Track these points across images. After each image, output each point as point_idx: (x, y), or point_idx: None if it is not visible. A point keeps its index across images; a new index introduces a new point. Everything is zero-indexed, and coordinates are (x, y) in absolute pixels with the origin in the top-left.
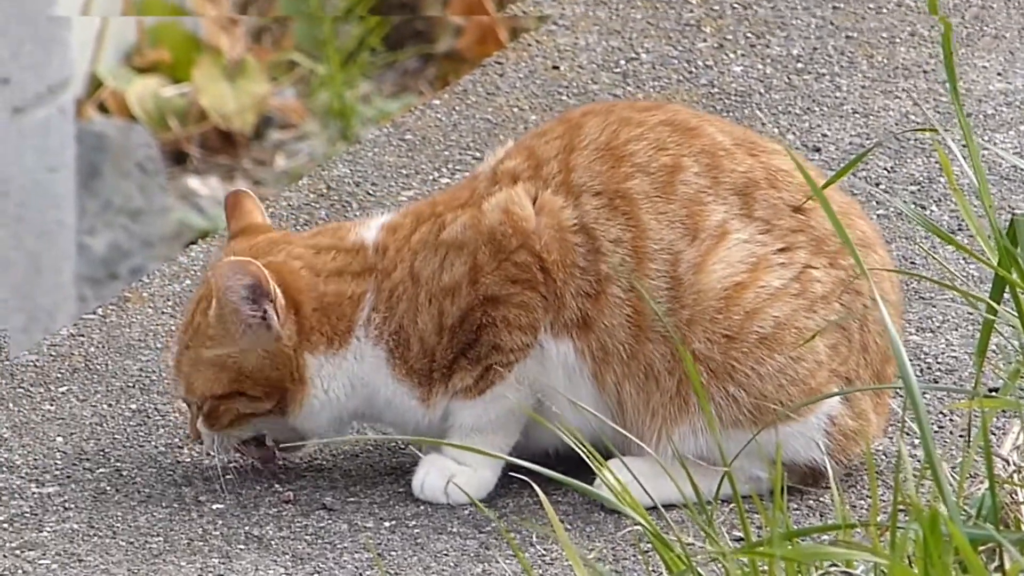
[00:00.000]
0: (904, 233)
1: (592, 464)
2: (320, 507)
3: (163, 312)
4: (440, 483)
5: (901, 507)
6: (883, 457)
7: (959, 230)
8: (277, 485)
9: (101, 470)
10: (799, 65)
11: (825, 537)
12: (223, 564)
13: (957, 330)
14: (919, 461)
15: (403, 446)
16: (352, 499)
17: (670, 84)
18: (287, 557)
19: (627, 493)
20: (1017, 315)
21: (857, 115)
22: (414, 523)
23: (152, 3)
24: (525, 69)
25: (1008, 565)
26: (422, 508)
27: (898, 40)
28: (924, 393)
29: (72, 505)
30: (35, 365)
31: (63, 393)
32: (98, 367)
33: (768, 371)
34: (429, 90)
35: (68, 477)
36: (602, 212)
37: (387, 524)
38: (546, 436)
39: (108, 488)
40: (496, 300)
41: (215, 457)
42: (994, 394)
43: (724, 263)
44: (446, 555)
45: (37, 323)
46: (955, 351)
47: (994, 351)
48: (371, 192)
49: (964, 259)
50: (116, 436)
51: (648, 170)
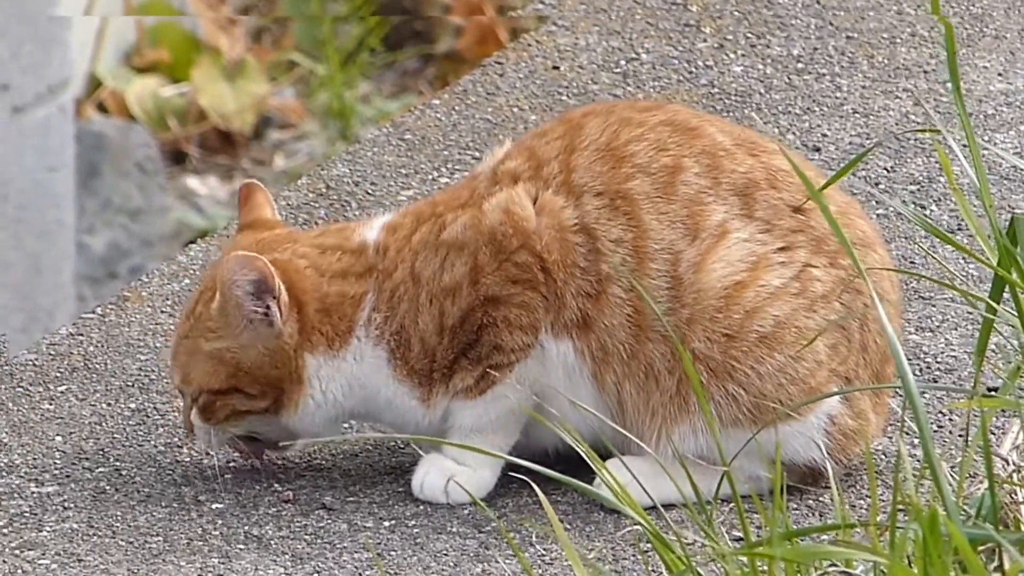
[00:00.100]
0: (904, 233)
1: (592, 464)
2: (320, 507)
3: (162, 311)
4: (440, 483)
5: (900, 507)
6: (882, 457)
7: (959, 230)
8: (277, 485)
9: (100, 469)
10: (799, 65)
11: (825, 537)
12: (223, 564)
13: (956, 329)
14: (918, 461)
15: (403, 446)
16: (352, 499)
17: (670, 84)
18: (287, 557)
19: (626, 493)
20: (1016, 315)
21: (857, 115)
22: (414, 523)
23: (153, 3)
24: (525, 69)
25: (1007, 565)
26: (422, 508)
27: (898, 40)
28: (923, 393)
29: (71, 505)
30: (34, 364)
31: (62, 392)
32: (97, 366)
33: (768, 370)
34: (429, 90)
35: (67, 477)
36: (603, 212)
37: (387, 524)
38: (546, 436)
39: (107, 488)
40: (497, 300)
41: (209, 451)
42: (993, 394)
43: (724, 262)
44: (446, 555)
45: (36, 322)
46: (954, 350)
47: (993, 351)
48: (370, 192)
49: (964, 259)
50: (115, 435)
51: (649, 170)
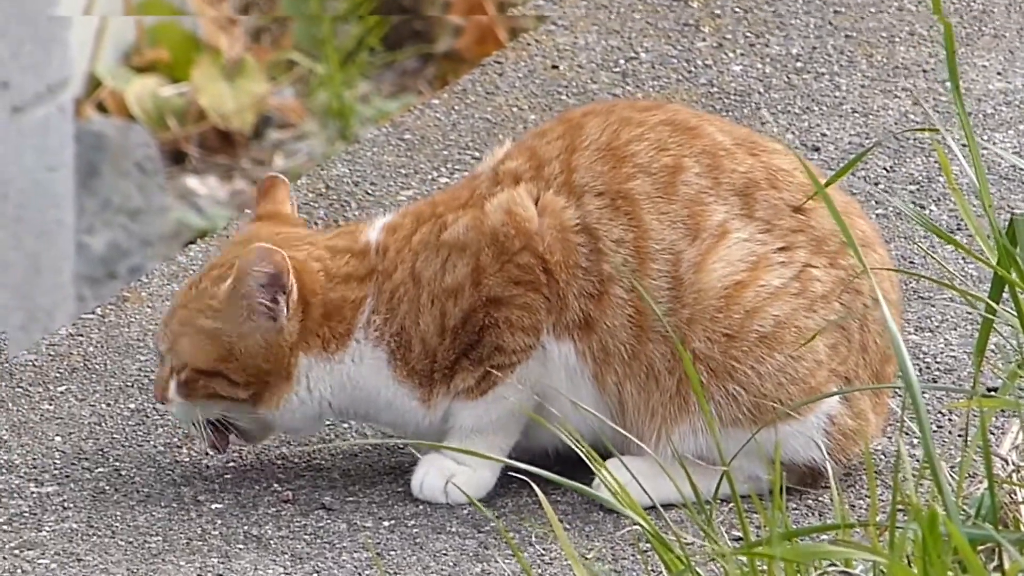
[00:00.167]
0: (903, 232)
1: (591, 464)
2: (319, 507)
3: (162, 311)
4: (439, 483)
5: (900, 507)
6: (882, 457)
7: (958, 229)
8: (276, 485)
9: (100, 470)
10: (798, 64)
11: (824, 537)
12: (222, 564)
13: (956, 329)
14: (918, 461)
15: (402, 446)
16: (351, 499)
17: (669, 84)
18: (286, 557)
19: (626, 493)
20: (1016, 315)
21: (856, 114)
22: (413, 523)
23: (153, 3)
24: (524, 69)
25: (1007, 565)
26: (421, 508)
27: (897, 39)
28: (923, 393)
29: (71, 505)
30: (34, 365)
31: (62, 393)
32: (97, 367)
33: (768, 370)
34: (428, 90)
35: (67, 477)
36: (604, 212)
37: (386, 524)
38: (546, 436)
39: (107, 488)
40: (499, 301)
41: (178, 425)
42: (993, 394)
43: (724, 262)
44: (445, 555)
45: (36, 322)
46: (954, 350)
47: (993, 351)
48: (370, 192)
49: (963, 258)
50: (115, 436)
51: (649, 170)
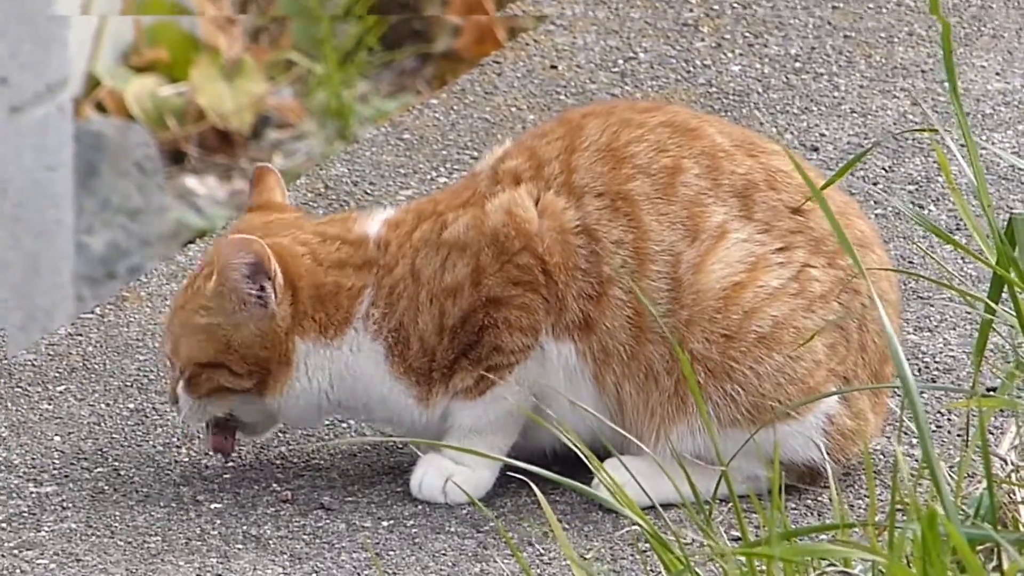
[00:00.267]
0: (902, 232)
1: (590, 464)
2: (318, 507)
3: (161, 311)
4: (438, 483)
5: (899, 506)
6: (881, 456)
7: (957, 229)
8: (275, 485)
9: (99, 469)
10: (797, 65)
11: (823, 536)
12: (221, 564)
13: (955, 329)
14: (917, 460)
15: (401, 446)
16: (350, 499)
17: (668, 84)
18: (285, 557)
19: (624, 493)
20: (1015, 315)
21: (855, 114)
22: (412, 523)
23: (152, 2)
24: (523, 69)
25: (1006, 565)
26: (420, 508)
27: (896, 40)
28: (922, 392)
29: (70, 505)
30: (33, 364)
31: (61, 392)
32: (96, 366)
33: (766, 370)
34: (427, 89)
35: (66, 477)
36: (604, 213)
37: (385, 524)
38: (544, 436)
39: (106, 488)
40: (498, 302)
41: (186, 425)
42: (992, 393)
43: (723, 263)
44: (444, 555)
45: (35, 322)
46: (953, 350)
47: (992, 350)
48: (369, 191)
49: (962, 258)
50: (114, 435)
51: (649, 171)
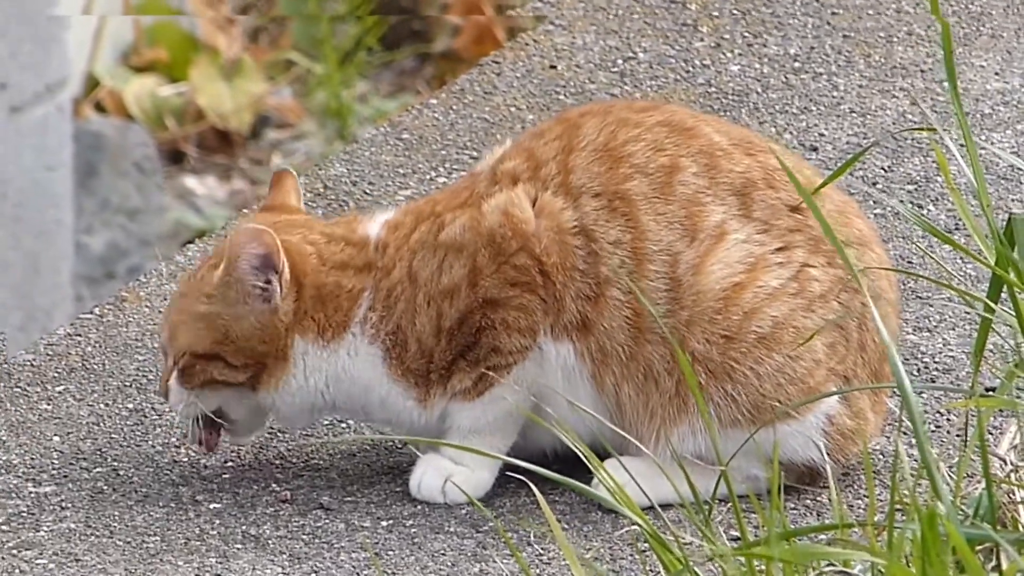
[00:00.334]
0: (901, 232)
1: (589, 464)
2: (317, 506)
3: (160, 311)
4: (437, 483)
5: (898, 507)
6: (881, 456)
7: (956, 229)
8: (274, 485)
9: (98, 470)
10: (796, 64)
11: (822, 537)
12: (220, 564)
13: (954, 329)
14: (917, 460)
15: (400, 446)
16: (349, 499)
17: (667, 83)
18: (284, 556)
19: (624, 493)
20: (1014, 315)
21: (854, 114)
22: (411, 523)
23: (151, 3)
24: (522, 68)
25: (1005, 565)
26: (419, 508)
27: (895, 39)
28: (921, 392)
29: (69, 505)
30: (32, 364)
31: (60, 393)
32: (95, 367)
33: (766, 370)
34: (426, 89)
35: (65, 477)
36: (601, 214)
37: (384, 524)
38: (543, 436)
39: (105, 488)
40: (495, 303)
41: (175, 414)
42: (991, 393)
43: (722, 264)
44: (443, 555)
45: (34, 322)
46: (952, 350)
47: (991, 351)
48: (368, 191)
49: (961, 258)
50: (113, 436)
51: (646, 171)
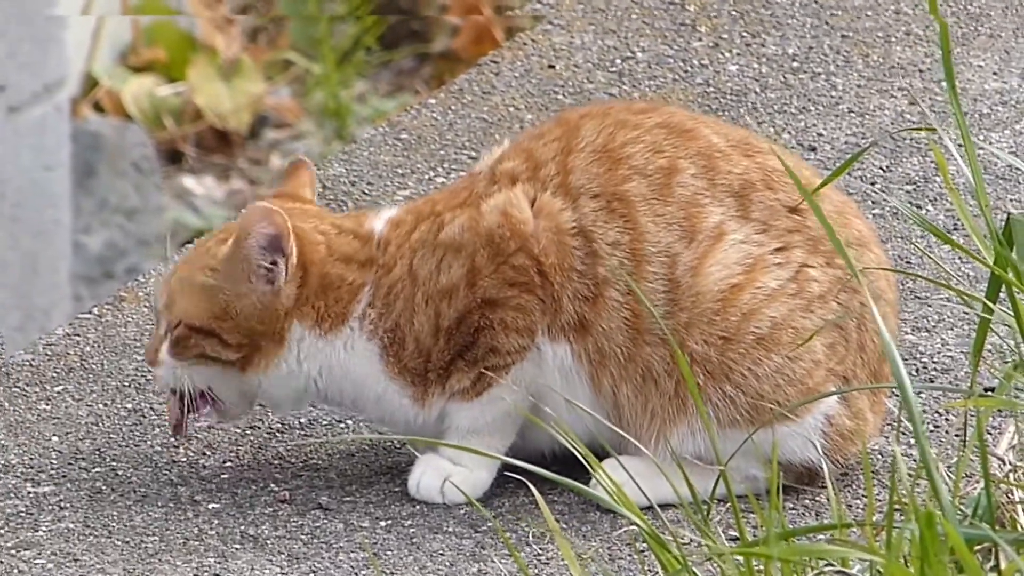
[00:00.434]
0: (900, 232)
1: (588, 464)
2: (316, 507)
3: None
4: (436, 483)
5: (897, 506)
6: (879, 456)
7: (955, 229)
8: (273, 485)
9: (97, 469)
10: (795, 64)
11: (821, 536)
12: (219, 564)
13: (953, 329)
14: (915, 460)
15: (399, 446)
16: (348, 499)
17: (666, 83)
18: (283, 556)
19: (622, 493)
20: (1013, 315)
21: (853, 114)
22: (410, 523)
23: (150, 3)
24: (521, 68)
25: (1004, 565)
26: (418, 508)
27: (893, 39)
28: (920, 392)
29: (68, 505)
30: (31, 364)
31: (59, 392)
32: (94, 366)
33: (765, 371)
34: (425, 89)
35: (64, 476)
36: (600, 215)
37: (383, 524)
38: (542, 437)
39: (104, 488)
40: (494, 303)
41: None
42: (990, 394)
43: (721, 265)
44: (442, 555)
45: (33, 322)
46: (951, 350)
47: (990, 350)
48: (367, 191)
49: (960, 258)
50: (112, 435)
51: (645, 172)
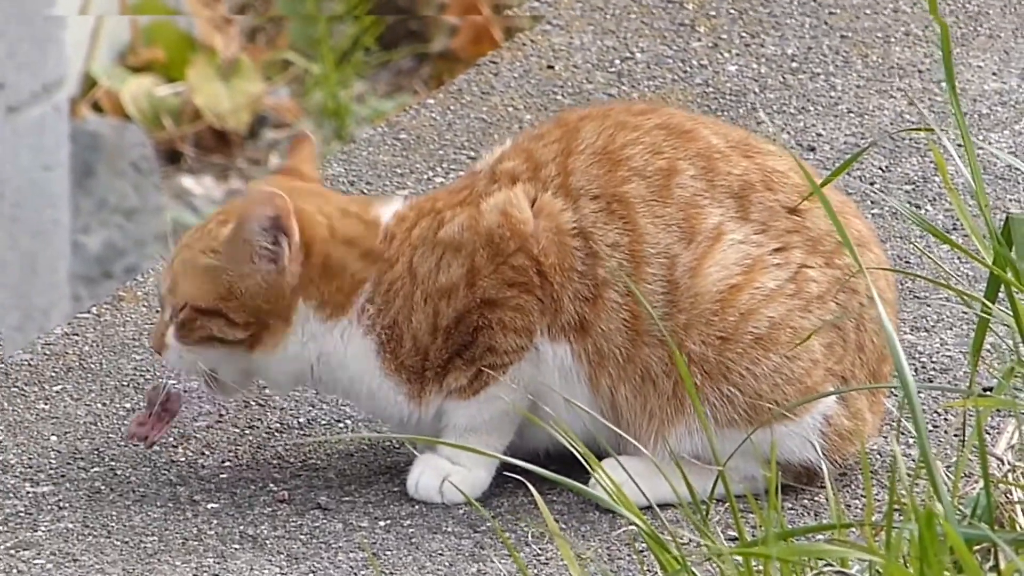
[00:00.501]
0: (899, 232)
1: (587, 464)
2: (315, 506)
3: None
4: (435, 483)
5: (896, 506)
6: (878, 456)
7: (954, 229)
8: (272, 484)
9: (96, 469)
10: (794, 64)
11: (820, 536)
12: (218, 564)
13: (952, 329)
14: (914, 460)
15: (398, 445)
16: (347, 498)
17: (665, 84)
18: (282, 557)
19: (622, 493)
20: (1011, 314)
21: (852, 114)
22: (409, 523)
23: (149, 3)
24: (520, 68)
25: (1003, 565)
26: (417, 508)
27: (893, 39)
28: (919, 392)
29: (67, 504)
30: (29, 364)
31: (57, 392)
32: (92, 366)
33: (763, 371)
34: (424, 89)
35: (63, 476)
36: (600, 216)
37: (382, 523)
38: (540, 436)
39: (103, 487)
40: (493, 303)
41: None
42: (989, 393)
43: (719, 266)
44: (441, 554)
45: (32, 322)
46: (950, 350)
47: (989, 350)
48: (366, 192)
49: (959, 258)
50: (111, 435)
51: (644, 173)
